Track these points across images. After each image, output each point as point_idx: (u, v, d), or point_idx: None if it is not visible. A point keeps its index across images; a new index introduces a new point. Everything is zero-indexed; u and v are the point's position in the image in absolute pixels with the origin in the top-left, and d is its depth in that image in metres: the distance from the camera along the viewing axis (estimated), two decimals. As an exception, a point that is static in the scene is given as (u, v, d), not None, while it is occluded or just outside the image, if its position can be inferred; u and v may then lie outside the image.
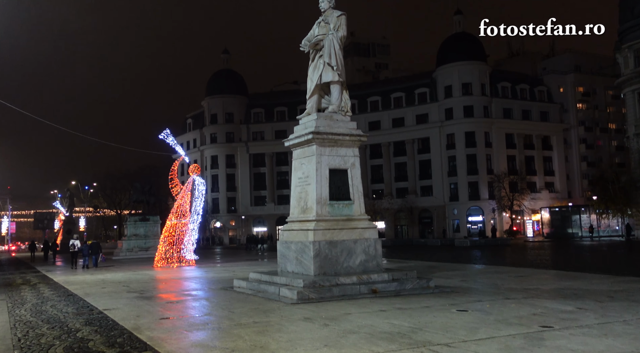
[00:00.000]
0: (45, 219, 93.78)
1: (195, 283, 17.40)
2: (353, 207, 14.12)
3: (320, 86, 14.53)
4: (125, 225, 43.83)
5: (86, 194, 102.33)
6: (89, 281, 19.35)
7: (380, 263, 14.01)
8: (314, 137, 13.72)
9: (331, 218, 13.70)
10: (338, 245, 13.50)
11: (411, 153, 77.44)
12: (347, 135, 14.20)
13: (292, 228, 14.32)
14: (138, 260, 36.55)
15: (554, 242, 49.61)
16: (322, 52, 14.26)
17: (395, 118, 79.04)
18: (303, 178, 14.31)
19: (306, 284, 12.31)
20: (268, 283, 13.59)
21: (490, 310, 10.06)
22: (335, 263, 13.40)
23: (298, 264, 13.72)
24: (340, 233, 13.64)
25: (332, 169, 13.98)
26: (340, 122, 14.32)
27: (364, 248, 13.82)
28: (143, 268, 26.62)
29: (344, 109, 14.56)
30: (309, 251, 13.29)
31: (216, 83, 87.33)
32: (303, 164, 14.38)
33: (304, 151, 14.36)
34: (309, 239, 13.38)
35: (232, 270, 22.72)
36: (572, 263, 23.47)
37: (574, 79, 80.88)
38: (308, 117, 14.62)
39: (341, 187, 14.09)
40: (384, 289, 12.72)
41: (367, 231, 14.05)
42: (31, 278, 22.73)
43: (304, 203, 14.14)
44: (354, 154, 14.44)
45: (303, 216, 14.05)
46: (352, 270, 13.52)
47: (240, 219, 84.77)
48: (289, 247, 14.20)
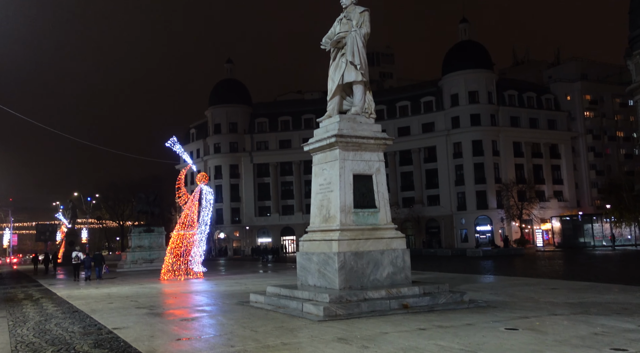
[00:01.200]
0: (47, 231, 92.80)
1: (207, 298, 16.41)
2: (379, 215, 13.18)
3: (342, 86, 13.65)
4: (129, 236, 42.87)
5: (88, 206, 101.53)
6: (95, 296, 18.36)
7: (408, 275, 13.04)
8: (337, 140, 12.82)
9: (356, 227, 12.76)
10: (364, 257, 12.54)
11: (417, 162, 76.56)
12: (371, 138, 13.30)
13: (314, 239, 13.37)
14: (143, 272, 35.52)
15: (567, 252, 48.47)
16: (345, 51, 13.40)
17: (400, 127, 78.18)
18: (325, 184, 13.39)
19: (332, 299, 11.33)
20: (289, 298, 12.61)
21: (542, 328, 9.07)
22: (361, 276, 12.43)
23: (321, 277, 12.75)
24: (366, 243, 12.69)
25: (356, 175, 13.06)
26: (364, 125, 13.43)
27: (391, 260, 12.86)
28: (149, 281, 25.63)
29: (368, 111, 13.66)
30: (333, 263, 12.33)
31: (220, 93, 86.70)
32: (325, 170, 13.46)
33: (326, 155, 13.45)
34: (333, 250, 12.43)
35: (244, 283, 21.72)
36: (600, 274, 22.41)
37: (581, 87, 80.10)
38: (329, 119, 13.73)
39: (366, 194, 13.16)
40: (416, 304, 11.74)
41: (395, 242, 13.09)
42: (33, 292, 21.75)
43: (326, 212, 13.20)
44: (379, 159, 13.53)
45: (325, 226, 13.11)
46: (379, 284, 12.55)
47: (245, 230, 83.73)
48: (310, 259, 13.24)
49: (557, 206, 73.53)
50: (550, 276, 21.11)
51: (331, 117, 13.77)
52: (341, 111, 13.87)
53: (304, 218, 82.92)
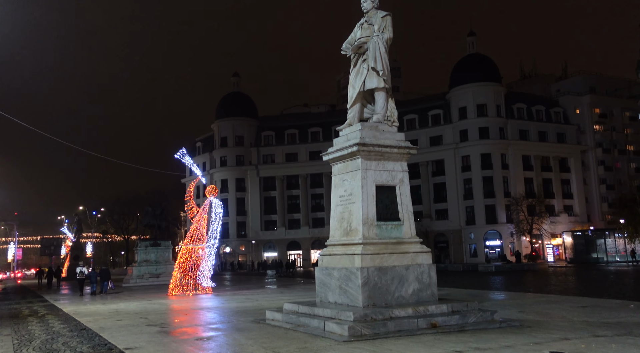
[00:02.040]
0: (52, 245, 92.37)
1: (219, 315, 15.71)
2: (403, 228, 12.53)
3: (363, 93, 13.09)
4: (135, 250, 42.21)
5: (94, 220, 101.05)
6: (102, 312, 17.69)
7: (435, 292, 12.34)
8: (359, 149, 12.21)
9: (379, 241, 12.09)
10: (388, 272, 11.85)
11: (425, 175, 75.85)
12: (395, 147, 12.69)
13: (334, 253, 12.70)
14: (149, 287, 34.82)
15: (580, 267, 47.51)
16: (366, 56, 12.85)
17: (408, 140, 77.27)
18: (345, 195, 12.76)
19: (357, 317, 10.65)
20: (309, 316, 11.92)
21: (590, 352, 8.36)
22: (385, 293, 11.74)
23: (342, 293, 12.06)
24: (390, 258, 12.01)
25: (378, 186, 12.44)
26: (386, 134, 12.83)
27: (416, 275, 12.17)
28: (157, 296, 24.94)
29: (390, 119, 13.08)
30: (355, 278, 11.65)
31: (226, 106, 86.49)
32: (345, 181, 12.84)
33: (347, 165, 12.83)
34: (356, 265, 11.76)
35: (255, 299, 21.01)
36: (625, 290, 21.58)
37: (590, 100, 79.49)
38: (350, 128, 13.14)
39: (389, 206, 12.52)
40: (445, 323, 11.03)
41: (420, 256, 12.41)
42: (39, 308, 21.09)
43: (347, 224, 12.55)
44: (403, 169, 12.91)
45: (346, 239, 12.45)
46: (404, 301, 11.85)
47: (251, 244, 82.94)
48: (330, 274, 12.56)
49: (567, 221, 72.54)
50: (574, 292, 20.31)
51: (352, 125, 13.20)
52: (362, 119, 13.30)
53: (310, 232, 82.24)
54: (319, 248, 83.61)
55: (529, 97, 77.96)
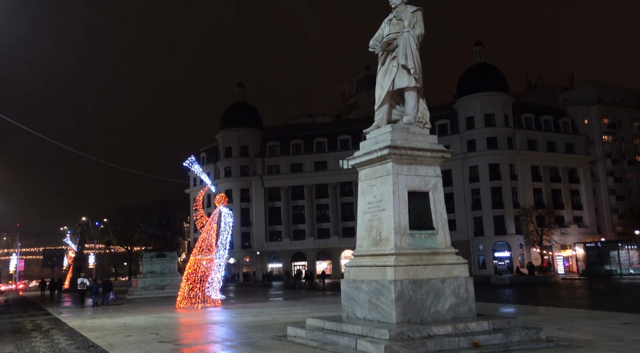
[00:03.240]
0: (54, 257, 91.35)
1: (235, 330, 14.74)
2: (437, 238, 11.61)
3: (391, 93, 12.22)
4: (140, 261, 41.25)
5: (96, 231, 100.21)
6: (110, 327, 16.73)
7: (473, 307, 11.38)
8: (389, 152, 11.33)
9: (413, 251, 11.17)
10: (423, 285, 10.92)
11: (432, 186, 74.73)
12: (428, 150, 11.82)
13: (362, 264, 11.78)
14: (155, 299, 33.85)
15: (594, 280, 46.40)
16: (396, 54, 12.01)
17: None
18: (374, 202, 11.86)
19: (393, 335, 9.71)
20: (336, 333, 10.97)
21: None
22: (420, 308, 10.79)
23: (372, 309, 11.12)
24: (425, 270, 11.08)
25: (411, 192, 11.54)
26: (418, 136, 11.96)
27: (453, 289, 11.23)
28: (165, 309, 23.98)
29: (422, 121, 12.21)
30: (388, 292, 10.71)
31: (231, 116, 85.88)
32: (374, 186, 11.94)
33: (375, 170, 11.95)
34: (388, 277, 10.83)
35: (268, 313, 20.01)
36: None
37: (598, 110, 78.70)
38: (378, 130, 12.27)
39: (422, 213, 11.62)
40: (488, 342, 10.07)
41: (456, 268, 11.48)
42: (42, 322, 20.14)
43: (377, 233, 11.64)
44: (436, 174, 12.04)
45: (376, 250, 11.53)
46: (440, 317, 10.91)
47: (255, 255, 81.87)
48: (358, 287, 11.63)
49: (577, 232, 71.44)
50: (606, 307, 19.25)
51: (380, 127, 12.33)
52: (390, 121, 12.43)
53: (316, 243, 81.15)
54: (324, 260, 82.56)
55: (537, 107, 77.20)
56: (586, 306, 19.62)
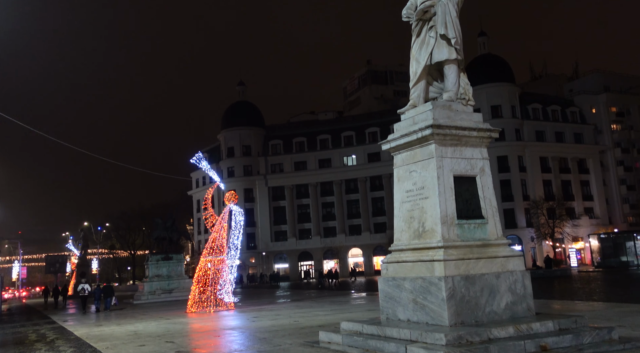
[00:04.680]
0: (57, 263, 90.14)
1: (258, 337, 13.43)
2: (487, 228, 10.31)
3: (428, 68, 10.91)
4: (146, 264, 39.97)
5: (99, 235, 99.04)
6: (119, 335, 15.45)
7: (531, 305, 10.08)
8: (432, 132, 10.03)
9: (462, 243, 9.88)
10: (476, 282, 9.62)
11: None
12: (474, 129, 10.52)
13: (404, 259, 10.48)
14: (163, 303, 32.58)
15: (612, 271, 45.15)
16: (433, 23, 10.70)
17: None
18: (414, 190, 10.56)
19: (450, 340, 8.41)
20: (379, 338, 9.68)
21: None
22: (474, 308, 9.50)
23: (418, 309, 9.83)
24: (477, 264, 9.79)
25: (456, 177, 10.25)
26: (462, 114, 10.65)
27: (509, 285, 9.93)
28: (175, 314, 22.71)
29: (465, 97, 10.90)
30: (437, 291, 9.42)
31: (232, 115, 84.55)
32: (413, 172, 10.64)
33: (414, 153, 10.65)
34: (436, 273, 9.54)
35: (288, 315, 18.71)
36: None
37: (606, 99, 77.30)
38: (416, 109, 10.96)
39: (470, 201, 10.32)
40: (557, 345, 8.77)
41: (511, 261, 10.18)
42: (47, 331, 18.84)
43: (419, 224, 10.34)
44: (483, 157, 10.74)
45: (419, 243, 10.23)
46: (497, 317, 9.61)
47: (261, 255, 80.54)
48: (400, 286, 10.33)
49: (588, 224, 70.08)
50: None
51: (416, 106, 11.02)
52: (427, 99, 11.11)
53: (322, 242, 79.80)
54: (331, 259, 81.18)
55: (543, 97, 75.85)
56: (628, 300, 18.30)
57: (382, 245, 76.71)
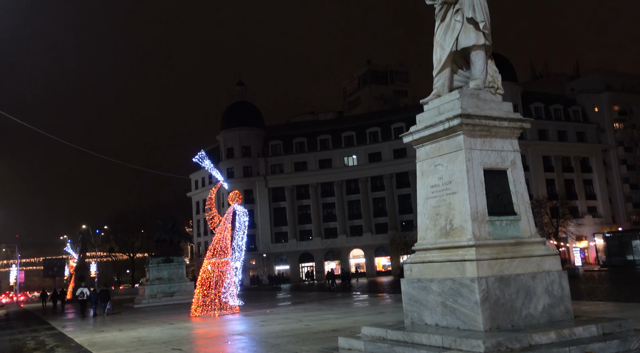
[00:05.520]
0: (55, 267, 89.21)
1: (270, 343, 12.68)
2: (520, 225, 9.60)
3: (453, 55, 10.19)
4: (146, 267, 39.16)
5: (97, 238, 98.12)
6: (123, 343, 14.69)
7: (569, 308, 9.37)
8: (461, 122, 9.31)
9: (494, 241, 9.16)
10: (511, 283, 8.90)
11: (441, 180, 72.86)
12: (504, 119, 9.81)
13: (430, 259, 9.75)
14: (165, 307, 31.82)
15: (620, 270, 44.49)
16: (459, 5, 9.99)
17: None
18: (441, 185, 9.85)
19: (488, 347, 7.68)
20: (406, 345, 8.95)
21: None
22: (510, 311, 8.77)
23: (447, 313, 9.10)
24: (511, 264, 9.07)
25: (486, 170, 9.54)
26: (491, 103, 9.95)
27: (546, 286, 9.21)
28: (178, 319, 21.96)
29: (493, 85, 10.21)
30: (470, 293, 8.69)
31: (232, 116, 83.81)
32: (439, 166, 9.93)
33: (440, 145, 9.93)
34: (468, 274, 8.81)
35: (297, 319, 17.97)
36: None
37: (609, 97, 76.82)
38: (440, 99, 10.25)
39: (501, 196, 9.61)
40: (603, 351, 8.05)
41: (547, 261, 9.46)
42: (46, 338, 18.06)
43: (446, 221, 9.62)
44: (514, 149, 10.04)
45: (446, 241, 9.51)
46: (534, 321, 8.90)
47: (261, 257, 79.75)
48: (426, 288, 9.61)
49: (592, 223, 69.52)
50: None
51: (441, 96, 10.31)
52: (452, 88, 10.39)
53: (323, 243, 79.01)
54: (332, 260, 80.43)
55: (546, 96, 75.31)
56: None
57: (383, 246, 76.07)
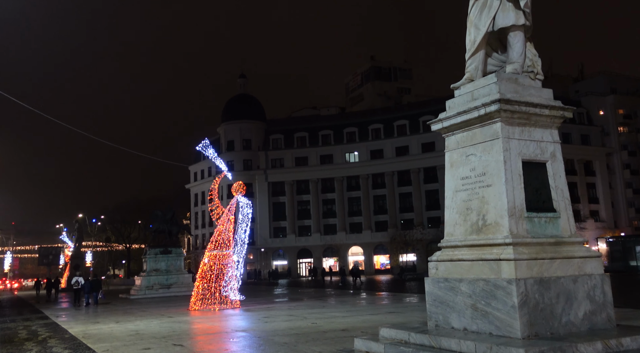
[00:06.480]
0: (50, 255, 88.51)
1: (277, 341, 11.89)
2: (559, 223, 8.81)
3: (488, 36, 9.37)
4: (143, 258, 38.35)
5: (93, 228, 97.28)
6: (120, 335, 13.88)
7: (612, 315, 8.60)
8: (500, 108, 8.52)
9: (533, 240, 8.37)
10: (551, 286, 8.12)
11: (443, 179, 71.24)
12: (545, 107, 9.02)
13: (460, 258, 8.97)
14: (161, 299, 31.03)
15: (625, 276, 43.81)
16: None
17: (424, 143, 74.12)
18: (473, 177, 9.06)
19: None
20: (433, 350, 8.16)
21: None
22: (549, 317, 7.99)
23: (479, 317, 8.31)
24: (551, 265, 8.29)
25: (525, 162, 8.75)
26: (531, 89, 9.16)
27: (587, 291, 8.43)
28: (177, 312, 21.17)
29: (532, 70, 9.41)
30: (506, 296, 7.90)
31: (233, 108, 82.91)
32: (472, 156, 9.14)
33: (474, 134, 9.14)
34: (505, 275, 8.02)
35: (302, 316, 17.19)
36: None
37: (614, 100, 76.10)
38: (474, 83, 9.43)
39: (540, 191, 8.82)
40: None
41: (588, 263, 8.68)
42: (38, 328, 17.25)
43: (478, 217, 8.83)
44: (554, 140, 9.25)
45: (479, 239, 8.72)
46: (574, 328, 8.12)
47: (260, 252, 78.96)
48: (454, 288, 8.82)
49: (594, 227, 68.80)
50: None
51: (474, 80, 9.50)
52: (485, 73, 9.58)
53: (322, 239, 78.27)
54: (331, 256, 79.69)
55: (551, 97, 74.49)
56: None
57: (383, 244, 75.39)
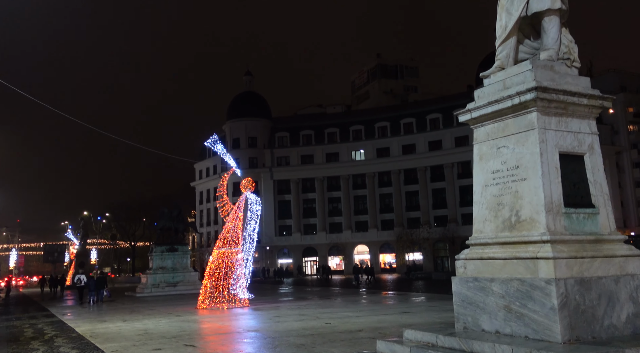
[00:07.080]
0: (55, 252, 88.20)
1: (292, 342, 11.39)
2: (599, 219, 8.27)
3: (520, 21, 8.83)
4: (150, 256, 37.95)
5: (99, 225, 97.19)
6: (128, 335, 13.42)
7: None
8: (536, 97, 7.97)
9: (572, 237, 7.84)
10: (592, 287, 7.58)
11: (450, 177, 71.67)
12: (584, 96, 8.47)
13: (489, 256, 8.45)
14: (168, 297, 30.60)
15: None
16: (532, -36, 8.63)
17: (431, 141, 73.58)
18: (505, 170, 8.52)
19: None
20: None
21: None
22: (591, 320, 7.46)
23: (513, 319, 7.79)
24: (591, 264, 7.75)
25: (562, 155, 8.21)
26: (567, 77, 8.60)
27: (630, 292, 7.89)
28: (185, 310, 20.73)
29: (569, 57, 8.85)
30: (544, 297, 7.37)
31: (238, 106, 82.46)
32: (503, 148, 8.60)
33: (506, 125, 8.60)
34: (542, 275, 7.49)
35: (313, 315, 16.70)
36: None
37: (624, 99, 75.24)
38: (506, 71, 8.89)
39: (578, 185, 8.28)
40: None
41: (630, 262, 8.14)
42: (44, 326, 16.82)
43: (511, 213, 8.30)
44: (592, 131, 8.71)
45: (512, 235, 8.20)
46: (616, 332, 7.58)
47: (265, 250, 78.48)
48: (485, 288, 8.30)
49: (603, 226, 68.12)
50: None
51: (505, 68, 8.96)
52: (517, 60, 9.04)
53: (328, 237, 77.77)
54: (336, 255, 79.20)
55: (560, 95, 73.79)
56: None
57: (389, 243, 74.86)
